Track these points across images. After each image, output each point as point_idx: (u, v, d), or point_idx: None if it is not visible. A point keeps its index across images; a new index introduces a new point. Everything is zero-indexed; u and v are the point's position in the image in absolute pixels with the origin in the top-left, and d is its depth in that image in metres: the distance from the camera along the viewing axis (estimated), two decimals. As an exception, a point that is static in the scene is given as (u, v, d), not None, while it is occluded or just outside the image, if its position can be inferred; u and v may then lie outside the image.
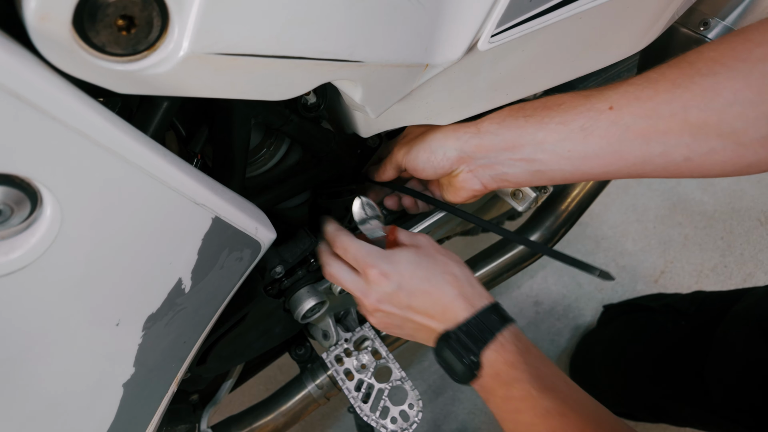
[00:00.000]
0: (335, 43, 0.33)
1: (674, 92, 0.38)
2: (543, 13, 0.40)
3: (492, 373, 0.46)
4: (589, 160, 0.44)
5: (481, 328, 0.47)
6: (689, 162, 0.40)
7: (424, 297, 0.49)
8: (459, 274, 0.50)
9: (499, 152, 0.48)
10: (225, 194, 0.38)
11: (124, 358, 0.38)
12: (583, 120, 0.43)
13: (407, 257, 0.50)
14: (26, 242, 0.28)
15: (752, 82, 0.35)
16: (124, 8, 0.25)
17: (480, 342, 0.46)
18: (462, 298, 0.49)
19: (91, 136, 0.27)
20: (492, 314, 0.48)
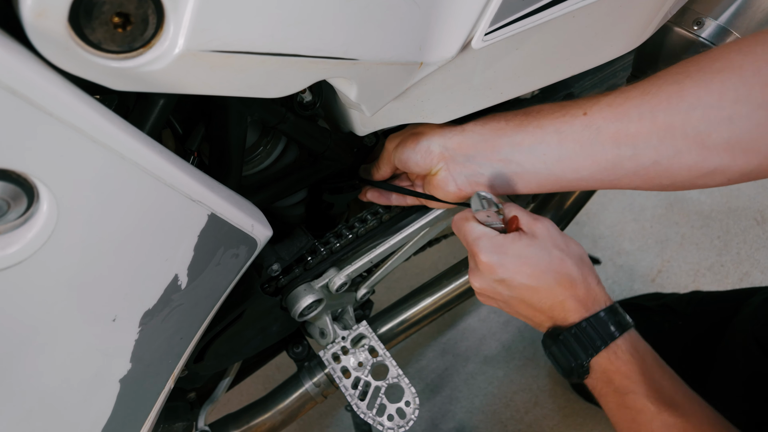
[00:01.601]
0: (330, 40, 0.33)
1: (643, 98, 0.41)
2: (536, 11, 0.40)
3: (604, 379, 0.45)
4: (562, 163, 0.46)
5: (593, 334, 0.45)
6: (657, 165, 0.42)
7: (530, 293, 0.47)
8: (574, 274, 0.46)
9: (478, 152, 0.50)
10: (221, 191, 0.39)
11: (121, 354, 0.38)
12: (559, 124, 0.45)
13: (518, 249, 0.47)
14: (23, 237, 0.28)
15: (713, 89, 0.38)
16: (120, 5, 0.26)
17: (591, 349, 0.45)
18: (574, 299, 0.46)
19: (87, 132, 0.27)
20: (608, 320, 0.45)
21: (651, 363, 0.44)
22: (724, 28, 0.59)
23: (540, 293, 0.47)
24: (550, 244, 0.47)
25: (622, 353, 0.44)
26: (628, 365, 0.44)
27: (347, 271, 0.63)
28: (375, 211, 0.65)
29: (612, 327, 0.45)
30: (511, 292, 0.48)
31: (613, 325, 0.45)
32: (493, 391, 1.22)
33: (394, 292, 0.95)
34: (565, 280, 0.46)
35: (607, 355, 0.44)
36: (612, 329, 0.45)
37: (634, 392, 0.43)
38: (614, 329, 0.45)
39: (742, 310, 0.85)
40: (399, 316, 0.84)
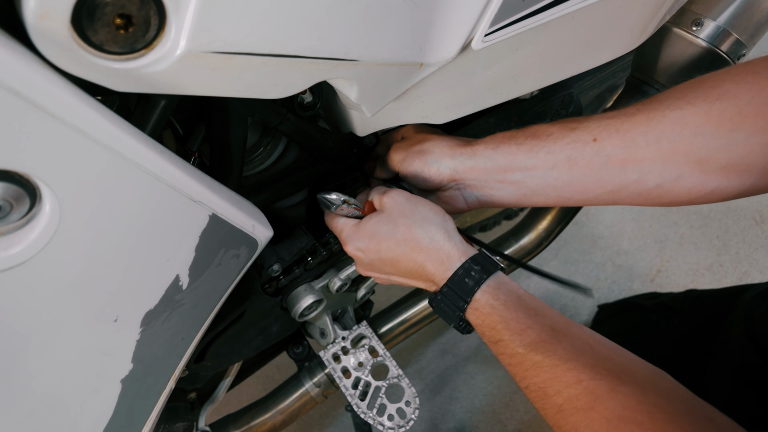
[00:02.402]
0: (330, 42, 0.34)
1: (648, 125, 0.44)
2: (536, 12, 0.40)
3: (480, 332, 0.47)
4: (572, 187, 0.49)
5: (454, 294, 0.47)
6: (660, 188, 0.45)
7: (395, 266, 0.50)
8: (422, 238, 0.48)
9: (489, 175, 0.52)
10: (222, 192, 0.39)
11: (122, 354, 0.38)
12: (570, 151, 0.48)
13: (370, 229, 0.50)
14: (25, 238, 0.28)
15: (712, 117, 0.41)
16: (122, 7, 0.26)
17: (457, 309, 0.47)
18: (430, 262, 0.48)
19: (89, 133, 0.28)
20: (464, 277, 0.46)
21: (514, 307, 0.45)
22: (723, 28, 0.59)
23: (402, 263, 0.49)
24: (396, 214, 0.49)
25: (483, 306, 0.45)
26: (491, 316, 0.45)
27: (347, 272, 0.63)
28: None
29: (469, 283, 0.46)
30: (384, 268, 0.51)
31: (471, 280, 0.46)
32: (493, 391, 1.23)
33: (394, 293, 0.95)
34: (415, 245, 0.48)
35: (472, 311, 0.46)
36: (469, 285, 0.46)
37: (502, 339, 0.44)
38: (471, 285, 0.46)
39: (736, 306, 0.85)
40: (399, 316, 0.84)
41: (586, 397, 0.39)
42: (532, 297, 0.46)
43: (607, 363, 0.40)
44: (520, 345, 0.43)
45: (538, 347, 0.42)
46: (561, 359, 0.41)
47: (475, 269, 0.47)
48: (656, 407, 0.36)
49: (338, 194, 0.50)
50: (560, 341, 0.42)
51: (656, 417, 0.36)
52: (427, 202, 0.51)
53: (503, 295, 0.46)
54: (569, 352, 0.41)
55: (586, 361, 0.40)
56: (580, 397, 0.39)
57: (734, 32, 0.59)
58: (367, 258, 0.51)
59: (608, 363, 0.40)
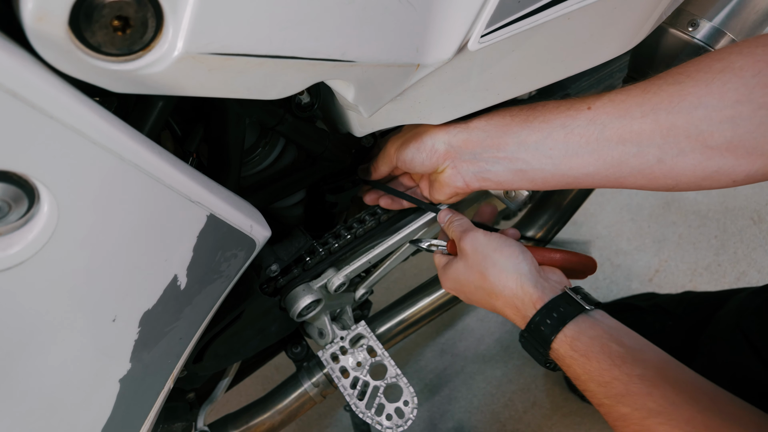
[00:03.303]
0: (327, 43, 0.34)
1: (644, 96, 0.42)
2: (532, 13, 0.40)
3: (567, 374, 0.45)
4: (568, 160, 0.46)
5: (534, 342, 0.46)
6: (662, 164, 0.42)
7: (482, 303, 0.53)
8: (495, 287, 0.49)
9: (484, 149, 0.50)
10: (220, 192, 0.39)
11: (121, 354, 0.39)
12: (564, 118, 0.46)
13: (453, 273, 0.54)
14: (24, 238, 0.28)
15: (714, 89, 0.38)
16: (120, 9, 0.26)
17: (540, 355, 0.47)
18: (508, 307, 0.49)
19: (87, 134, 0.28)
20: (540, 325, 0.45)
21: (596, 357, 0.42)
22: (719, 29, 0.59)
23: (487, 306, 0.52)
24: (471, 261, 0.51)
25: (562, 357, 0.44)
26: (572, 367, 0.44)
27: (346, 272, 0.63)
28: (373, 211, 0.65)
29: (545, 332, 0.45)
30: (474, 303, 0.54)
31: (546, 329, 0.45)
32: (492, 391, 1.23)
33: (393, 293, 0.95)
34: (491, 292, 0.50)
35: (555, 356, 0.45)
36: (545, 334, 0.45)
37: (587, 390, 0.43)
38: (548, 333, 0.45)
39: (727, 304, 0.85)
40: (397, 316, 0.84)
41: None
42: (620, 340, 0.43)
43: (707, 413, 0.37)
44: (605, 397, 0.41)
45: (626, 399, 0.40)
46: (651, 413, 0.38)
47: (552, 317, 0.45)
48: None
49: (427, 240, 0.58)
50: (651, 393, 0.39)
51: None
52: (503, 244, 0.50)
53: (582, 345, 0.43)
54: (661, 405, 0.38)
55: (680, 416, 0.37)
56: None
57: (729, 33, 0.59)
58: (457, 293, 0.56)
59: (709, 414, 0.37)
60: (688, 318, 0.96)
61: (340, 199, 0.63)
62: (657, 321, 1.02)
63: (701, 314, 0.91)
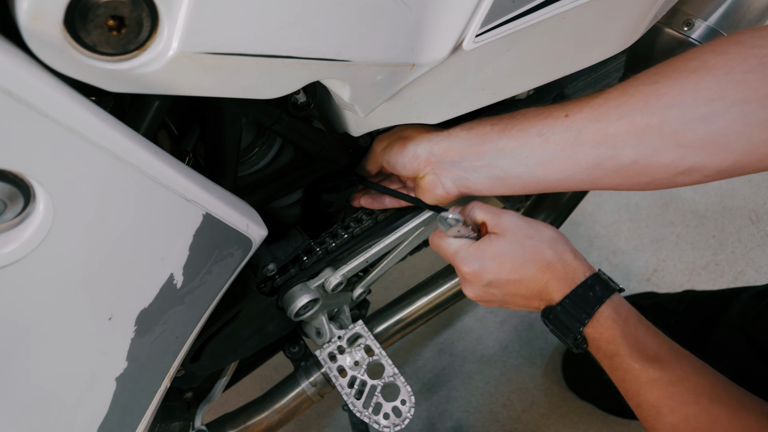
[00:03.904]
0: (322, 42, 0.34)
1: (621, 99, 0.42)
2: (526, 13, 0.41)
3: (595, 347, 0.47)
4: (543, 166, 0.47)
5: (577, 307, 0.47)
6: (636, 164, 0.43)
7: (517, 286, 0.50)
8: (550, 257, 0.49)
9: (463, 157, 0.51)
10: (216, 191, 0.39)
11: (117, 353, 0.39)
12: (541, 126, 0.46)
13: (493, 250, 0.50)
14: (19, 237, 0.29)
15: (687, 89, 0.39)
16: (115, 9, 0.26)
17: (577, 322, 0.47)
18: (555, 280, 0.49)
19: (83, 133, 0.28)
20: (588, 291, 0.47)
21: (634, 324, 0.46)
22: (713, 28, 0.59)
23: (525, 283, 0.50)
24: (521, 236, 0.50)
25: (605, 320, 0.46)
26: (610, 330, 0.45)
27: (343, 271, 0.63)
28: (370, 211, 0.65)
29: (593, 297, 0.47)
30: (501, 290, 0.51)
31: (594, 295, 0.47)
32: (490, 391, 1.23)
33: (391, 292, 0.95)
34: (543, 264, 0.49)
35: (592, 325, 0.46)
36: (593, 300, 0.47)
37: (619, 354, 0.44)
38: (594, 299, 0.47)
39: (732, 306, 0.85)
40: (395, 315, 0.84)
41: (704, 417, 0.38)
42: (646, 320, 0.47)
43: (726, 386, 0.40)
44: (638, 359, 0.43)
45: (656, 364, 0.42)
46: (679, 378, 0.41)
47: (599, 284, 0.48)
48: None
49: (457, 215, 0.51)
50: (679, 361, 0.42)
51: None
52: (543, 223, 0.52)
53: (624, 312, 0.46)
54: (688, 372, 0.41)
55: (705, 383, 0.40)
56: (698, 418, 0.38)
57: (724, 32, 0.59)
58: (485, 279, 0.51)
59: (728, 387, 0.40)
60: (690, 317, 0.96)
61: (337, 198, 0.63)
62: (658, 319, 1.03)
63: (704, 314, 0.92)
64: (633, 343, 0.44)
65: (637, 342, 0.44)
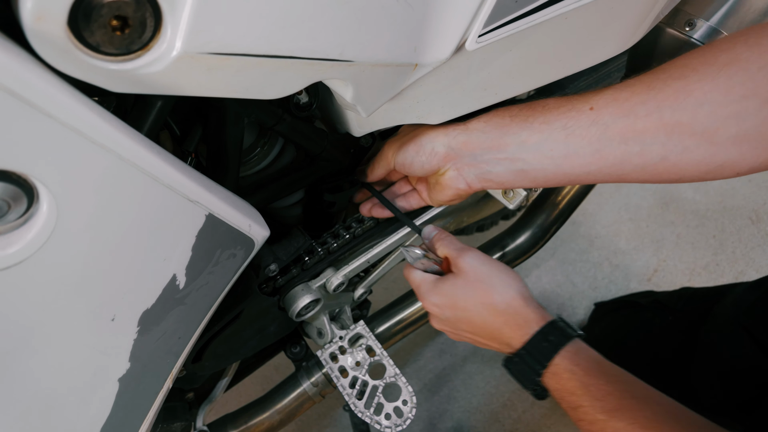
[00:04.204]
0: (325, 42, 0.34)
1: (649, 93, 0.41)
2: (529, 13, 0.41)
3: (558, 397, 0.47)
4: (569, 160, 0.45)
5: (532, 359, 0.47)
6: (665, 161, 0.41)
7: (471, 325, 0.51)
8: (498, 303, 0.49)
9: (484, 150, 0.49)
10: (218, 192, 0.39)
11: (120, 353, 0.39)
12: (565, 120, 0.45)
13: (447, 289, 0.51)
14: (23, 237, 0.29)
15: (719, 84, 0.37)
16: (118, 9, 0.26)
17: (534, 373, 0.47)
18: (507, 327, 0.49)
19: (86, 133, 0.28)
20: (542, 341, 0.47)
21: (595, 374, 0.45)
22: (715, 29, 0.59)
23: (478, 325, 0.50)
24: (473, 279, 0.51)
25: (563, 372, 0.45)
26: (570, 382, 0.45)
27: (344, 271, 0.63)
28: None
29: (547, 348, 0.46)
30: (459, 325, 0.52)
31: (549, 345, 0.46)
32: (491, 391, 1.23)
33: (392, 293, 0.95)
34: (493, 309, 0.49)
35: (551, 376, 0.46)
36: (547, 350, 0.46)
37: (582, 406, 0.44)
38: (549, 349, 0.46)
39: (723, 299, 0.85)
40: (396, 315, 0.84)
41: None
42: (610, 363, 0.46)
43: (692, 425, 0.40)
44: (601, 411, 0.42)
45: (620, 414, 0.42)
46: (643, 427, 0.41)
47: (554, 333, 0.47)
48: None
49: (421, 249, 0.53)
50: (642, 408, 0.42)
51: None
52: (503, 266, 0.52)
53: (583, 361, 0.46)
54: (651, 420, 0.41)
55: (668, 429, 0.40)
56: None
57: (726, 32, 0.59)
58: (443, 315, 0.52)
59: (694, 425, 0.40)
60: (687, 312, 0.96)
61: (339, 198, 0.63)
62: (657, 316, 1.03)
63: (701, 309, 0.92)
64: (595, 393, 0.43)
65: (599, 391, 0.43)
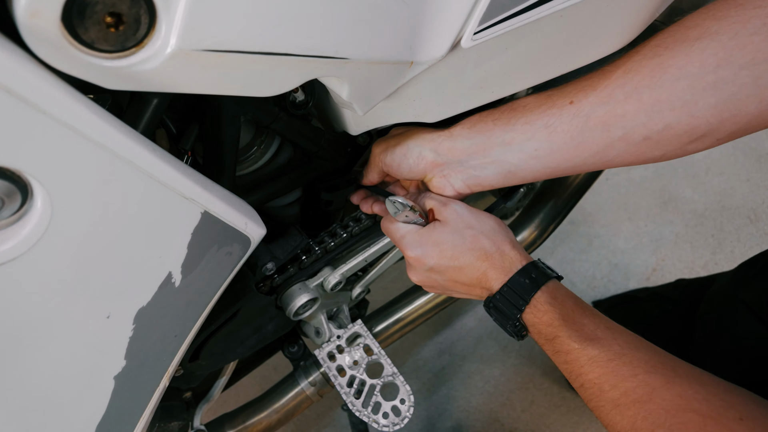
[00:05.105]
0: (320, 40, 0.34)
1: (625, 77, 0.42)
2: (524, 10, 0.41)
3: (535, 332, 0.48)
4: (554, 156, 0.47)
5: (514, 294, 0.48)
6: (648, 141, 0.42)
7: (457, 273, 0.51)
8: (488, 247, 0.50)
9: (470, 156, 0.51)
10: (214, 189, 0.39)
11: (115, 351, 0.39)
12: (547, 117, 0.46)
13: (434, 237, 0.51)
14: (17, 234, 0.29)
15: (693, 58, 0.38)
16: (113, 5, 0.26)
17: (515, 308, 0.48)
18: (493, 269, 0.50)
19: (80, 130, 0.28)
20: (524, 278, 0.48)
21: (571, 307, 0.46)
22: (712, 27, 0.59)
23: (465, 270, 0.51)
24: (462, 225, 0.51)
25: (542, 305, 0.47)
26: (548, 314, 0.46)
27: (342, 270, 0.63)
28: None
29: (529, 284, 0.48)
30: (442, 276, 0.52)
31: (530, 282, 0.48)
32: (490, 390, 1.23)
33: (390, 292, 0.95)
34: (481, 253, 0.50)
35: (530, 310, 0.47)
36: (529, 286, 0.48)
37: (558, 336, 0.45)
38: (531, 286, 0.48)
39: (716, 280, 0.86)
40: (394, 314, 0.84)
41: (642, 389, 0.39)
42: (586, 303, 0.48)
43: (660, 357, 0.41)
44: (576, 340, 0.44)
45: (594, 343, 0.43)
46: (616, 354, 0.42)
47: (535, 272, 0.48)
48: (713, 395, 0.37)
49: (405, 199, 0.52)
50: (615, 338, 0.43)
51: (714, 404, 0.37)
52: (488, 214, 0.53)
53: (560, 296, 0.47)
54: (623, 347, 0.42)
55: (641, 356, 0.41)
56: (637, 390, 0.40)
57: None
58: (427, 264, 0.52)
59: (662, 357, 0.42)
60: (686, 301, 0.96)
61: (336, 197, 0.63)
62: (656, 307, 1.03)
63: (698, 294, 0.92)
64: (571, 324, 0.45)
65: (575, 323, 0.45)
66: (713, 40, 0.37)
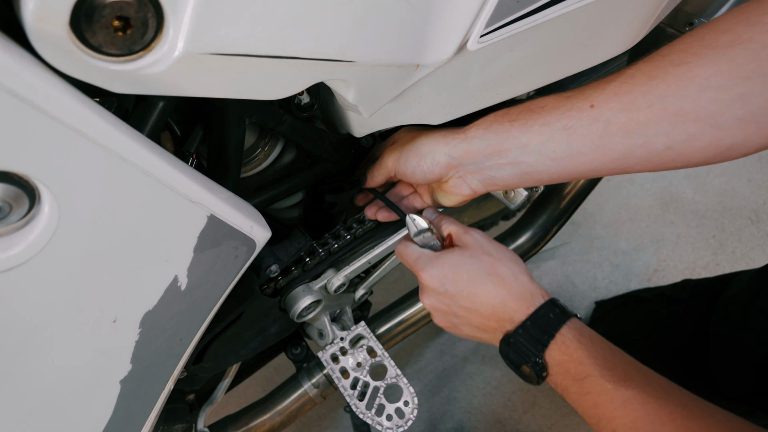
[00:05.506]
0: (327, 43, 0.34)
1: (650, 84, 0.40)
2: (530, 13, 0.41)
3: (561, 371, 0.45)
4: (573, 159, 0.45)
5: (540, 328, 0.46)
6: (670, 151, 0.41)
7: (471, 298, 0.49)
8: (506, 274, 0.49)
9: (486, 157, 0.50)
10: (220, 193, 0.39)
11: (121, 355, 0.39)
12: (566, 120, 0.44)
13: (452, 260, 0.50)
14: (24, 239, 0.28)
15: (722, 68, 0.37)
16: (120, 9, 0.26)
17: (540, 344, 0.45)
18: (513, 298, 0.48)
19: (88, 134, 0.28)
20: (549, 312, 0.46)
21: (599, 345, 0.45)
22: (716, 29, 0.59)
23: (480, 296, 0.49)
24: (480, 252, 0.51)
25: (570, 341, 0.45)
26: (578, 351, 0.44)
27: (345, 272, 0.63)
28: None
29: (554, 319, 0.46)
30: (456, 302, 0.50)
31: (555, 317, 0.46)
32: (492, 392, 1.23)
33: (393, 294, 0.95)
34: (498, 280, 0.49)
35: (557, 346, 0.45)
36: (554, 321, 0.46)
37: (591, 375, 0.43)
38: (556, 320, 0.46)
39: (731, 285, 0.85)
40: (397, 316, 0.84)
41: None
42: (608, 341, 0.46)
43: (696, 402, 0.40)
44: (610, 380, 0.42)
45: (628, 383, 0.41)
46: (652, 396, 0.40)
47: (558, 308, 0.47)
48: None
49: (424, 221, 0.52)
50: (648, 380, 0.42)
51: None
52: (508, 248, 0.52)
53: (587, 333, 0.46)
54: (658, 390, 0.41)
55: (677, 400, 0.40)
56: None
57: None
58: (442, 287, 0.50)
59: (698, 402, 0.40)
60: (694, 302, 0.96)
61: (340, 199, 0.63)
62: (663, 308, 1.02)
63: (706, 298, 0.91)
64: (603, 362, 0.43)
65: (607, 362, 0.43)
66: (744, 48, 0.36)
